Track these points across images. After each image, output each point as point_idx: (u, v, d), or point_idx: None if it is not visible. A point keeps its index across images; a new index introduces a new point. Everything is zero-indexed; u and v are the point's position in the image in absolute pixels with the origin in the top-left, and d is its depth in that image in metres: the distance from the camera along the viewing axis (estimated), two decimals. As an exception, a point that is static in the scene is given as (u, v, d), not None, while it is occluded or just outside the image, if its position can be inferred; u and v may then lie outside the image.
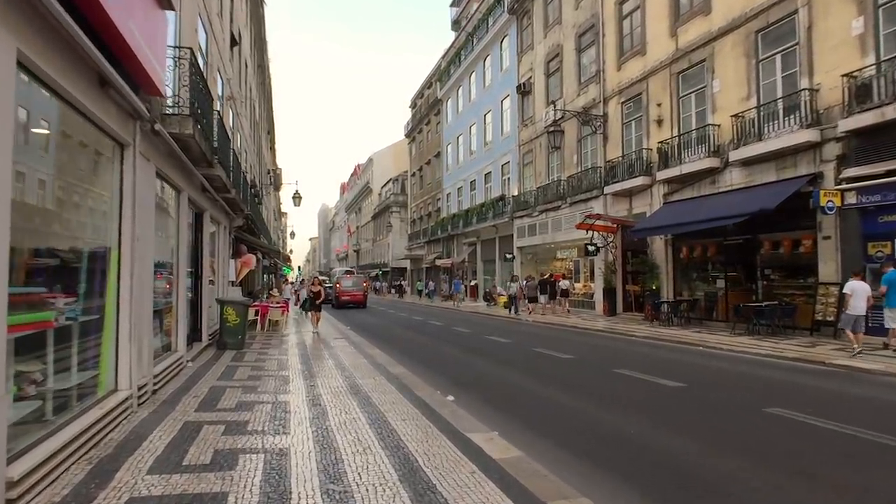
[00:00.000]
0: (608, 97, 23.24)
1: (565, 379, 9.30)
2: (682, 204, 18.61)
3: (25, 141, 4.42)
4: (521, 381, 9.19)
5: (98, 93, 5.26)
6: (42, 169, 4.89)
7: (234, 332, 12.31)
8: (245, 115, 23.52)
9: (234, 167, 15.08)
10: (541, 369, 10.34)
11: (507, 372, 10.19)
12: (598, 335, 16.35)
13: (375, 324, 22.55)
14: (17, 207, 3.88)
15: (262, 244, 19.33)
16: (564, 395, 8.00)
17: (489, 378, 9.61)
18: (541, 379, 9.35)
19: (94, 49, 4.55)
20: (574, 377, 9.44)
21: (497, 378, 9.58)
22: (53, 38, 4.18)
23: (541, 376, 9.59)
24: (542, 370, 10.25)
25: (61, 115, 4.88)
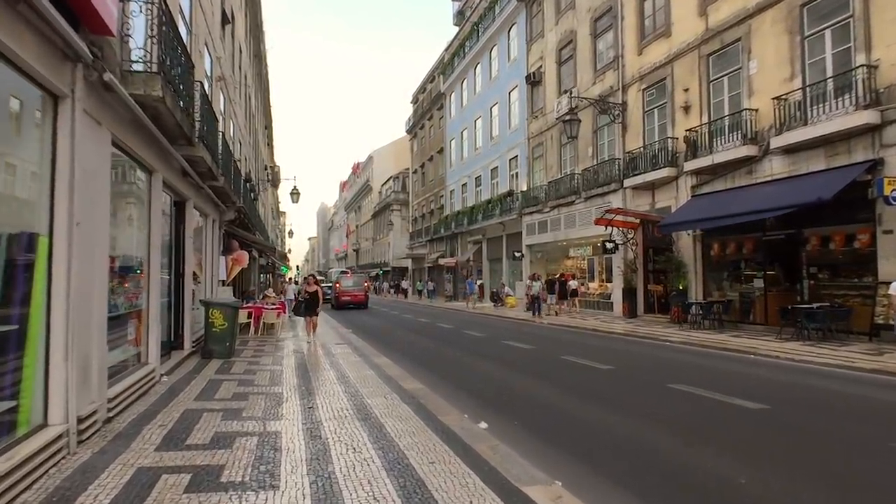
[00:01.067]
0: (627, 84, 21.71)
1: (616, 398, 7.75)
2: (713, 196, 17.08)
3: None
4: (563, 401, 7.65)
5: (11, 14, 3.73)
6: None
7: (221, 339, 10.76)
8: (238, 102, 21.98)
9: (224, 153, 13.54)
10: (581, 384, 8.79)
11: (541, 387, 8.65)
12: (627, 340, 14.81)
13: (379, 326, 21.01)
14: None
15: (257, 240, 17.77)
16: (625, 423, 6.46)
17: (523, 396, 8.06)
18: (585, 397, 7.82)
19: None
20: (626, 396, 7.90)
21: (532, 396, 8.03)
22: None
23: (584, 394, 8.05)
24: (583, 385, 8.70)
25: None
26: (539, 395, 8.01)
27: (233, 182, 15.78)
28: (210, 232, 13.76)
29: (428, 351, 13.30)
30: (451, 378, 9.41)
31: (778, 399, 7.34)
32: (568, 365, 10.62)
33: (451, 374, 9.80)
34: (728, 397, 7.38)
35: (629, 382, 8.81)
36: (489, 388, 8.60)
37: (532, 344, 13.88)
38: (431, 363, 11.21)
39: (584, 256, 26.32)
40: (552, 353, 12.37)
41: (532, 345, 13.72)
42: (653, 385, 8.46)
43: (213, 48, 14.37)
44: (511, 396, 7.98)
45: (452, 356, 12.36)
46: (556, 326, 19.22)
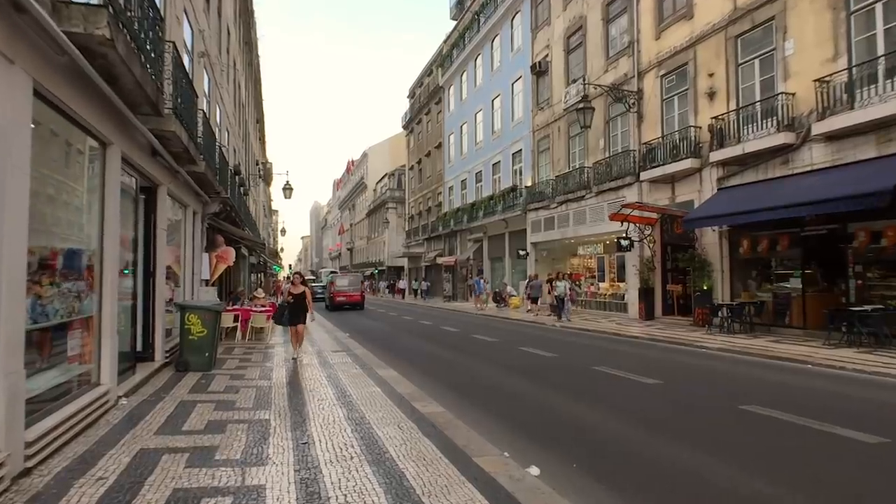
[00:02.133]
0: (644, 71, 20.29)
1: (685, 427, 6.28)
2: (743, 189, 15.67)
3: None
4: (619, 431, 6.18)
5: None
6: None
7: (198, 348, 9.24)
8: (226, 88, 20.42)
9: (206, 135, 12.01)
10: (631, 405, 7.32)
11: (585, 409, 7.19)
12: (656, 346, 13.37)
13: (378, 330, 19.50)
14: None
15: (245, 236, 16.21)
16: (719, 466, 4.99)
17: (569, 423, 6.58)
18: (644, 424, 6.35)
19: None
20: (696, 423, 6.42)
21: (580, 422, 6.56)
22: None
23: (641, 419, 6.59)
24: (634, 406, 7.23)
25: None
26: (588, 422, 6.53)
27: (217, 170, 14.25)
28: (190, 225, 12.23)
29: (438, 360, 11.80)
30: (474, 396, 7.93)
31: (884, 425, 5.91)
32: (605, 378, 9.15)
33: (471, 391, 8.31)
34: (827, 425, 5.93)
35: (691, 403, 7.33)
36: (522, 410, 7.11)
37: (553, 351, 12.41)
38: (445, 376, 9.72)
39: (593, 255, 24.90)
40: (580, 362, 10.91)
41: (553, 352, 12.25)
42: (721, 407, 7.00)
43: (195, 19, 12.83)
44: (555, 424, 6.50)
45: (467, 366, 10.87)
46: (570, 330, 17.76)
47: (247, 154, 33.15)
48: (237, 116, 25.84)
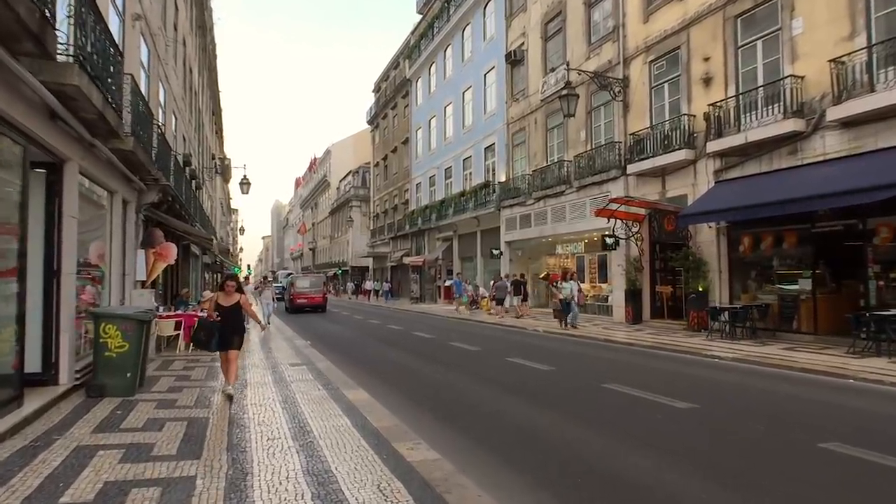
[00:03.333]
0: (630, 57, 18.95)
1: (775, 481, 4.71)
2: (745, 182, 14.41)
3: None
4: (693, 487, 4.57)
5: None
6: None
7: (118, 368, 7.29)
8: (173, 67, 18.26)
9: (138, 108, 10.01)
10: (680, 442, 5.73)
11: (624, 450, 5.57)
12: (660, 356, 11.90)
13: (343, 336, 17.64)
14: None
15: (189, 230, 14.11)
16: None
17: (612, 476, 4.93)
18: (718, 474, 4.76)
19: None
20: (779, 472, 4.86)
21: (628, 475, 4.91)
22: None
23: (710, 465, 5.00)
24: (684, 444, 5.65)
25: None
26: (641, 474, 4.90)
27: (156, 153, 12.23)
28: (119, 216, 10.20)
29: (416, 376, 10.06)
30: (472, 431, 6.22)
31: None
32: (625, 401, 7.55)
33: (467, 423, 6.60)
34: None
35: (755, 442, 5.70)
36: (538, 455, 5.42)
37: (547, 362, 10.79)
38: (428, 399, 8.00)
39: (573, 254, 23.50)
40: (584, 377, 9.34)
41: (548, 364, 10.63)
42: (795, 446, 5.45)
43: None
44: (585, 475, 4.85)
45: (452, 384, 9.17)
46: (555, 335, 16.24)
47: (200, 145, 30.79)
48: (188, 102, 23.60)
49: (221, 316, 7.62)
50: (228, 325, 7.64)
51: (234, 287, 7.88)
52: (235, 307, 7.80)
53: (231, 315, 7.73)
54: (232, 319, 7.73)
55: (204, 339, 7.58)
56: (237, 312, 7.82)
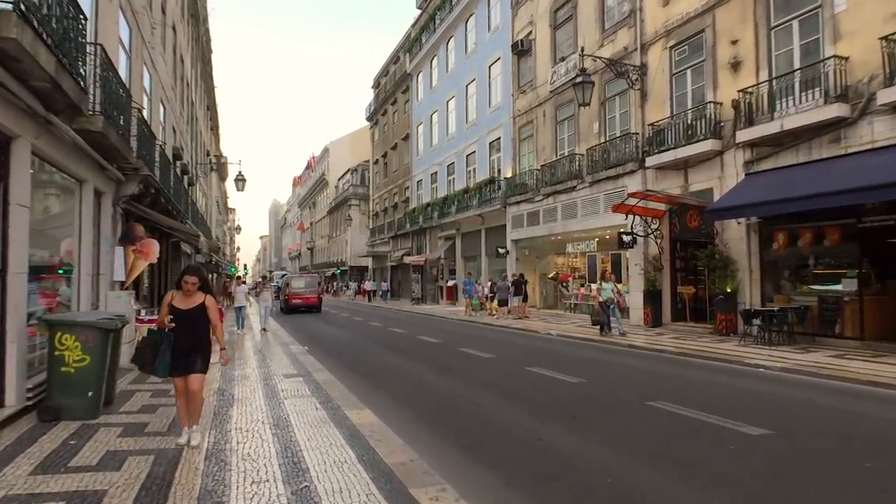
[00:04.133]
0: (648, 42, 17.79)
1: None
2: (780, 174, 13.26)
3: None
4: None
5: None
6: None
7: (77, 386, 6.11)
8: (160, 52, 17.07)
9: (111, 85, 8.82)
10: (788, 485, 4.56)
11: (702, 496, 4.39)
12: (693, 364, 10.74)
13: (342, 340, 16.45)
14: None
15: (174, 226, 12.85)
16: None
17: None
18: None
19: None
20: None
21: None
22: None
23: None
24: (793, 489, 4.48)
25: None
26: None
27: (137, 141, 11.05)
28: (90, 207, 9.01)
29: (430, 391, 8.87)
30: (506, 465, 5.05)
31: None
32: (679, 424, 6.37)
33: (499, 454, 5.43)
34: None
35: (873, 485, 4.60)
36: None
37: (572, 373, 9.61)
38: (446, 419, 6.84)
39: (585, 253, 22.34)
40: (622, 392, 8.17)
41: (574, 375, 9.46)
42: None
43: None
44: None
45: (471, 399, 7.99)
46: (573, 340, 15.08)
47: (194, 140, 29.61)
48: (178, 93, 22.40)
49: (177, 324, 5.40)
50: (186, 337, 5.40)
51: (195, 284, 5.49)
52: (197, 312, 5.49)
53: (190, 324, 5.43)
54: (191, 330, 5.44)
55: (148, 358, 5.36)
56: (199, 320, 5.52)
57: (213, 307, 5.65)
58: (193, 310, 5.48)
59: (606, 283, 15.56)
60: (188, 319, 5.43)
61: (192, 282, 5.48)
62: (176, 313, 5.44)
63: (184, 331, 5.38)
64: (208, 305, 5.58)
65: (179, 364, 5.37)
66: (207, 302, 5.58)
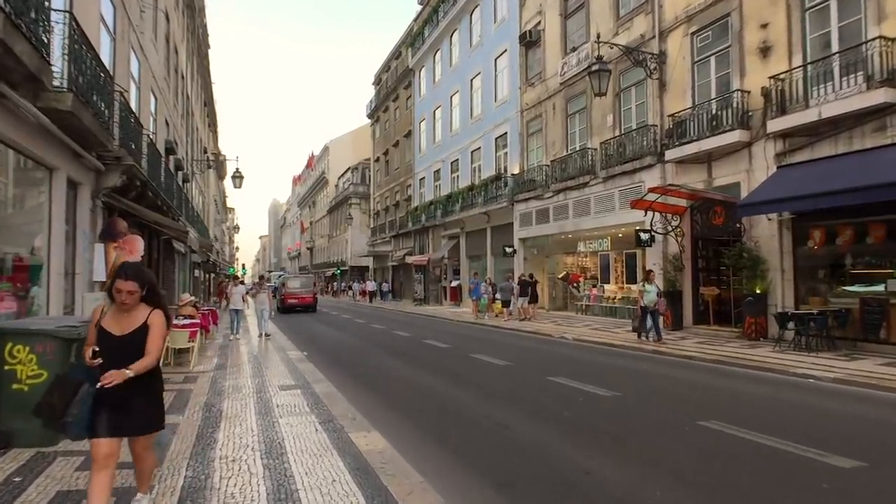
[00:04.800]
0: (668, 29, 16.81)
1: None
2: (816, 166, 12.27)
3: None
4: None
5: None
6: None
7: (31, 406, 5.13)
8: (151, 39, 16.10)
9: (87, 62, 7.83)
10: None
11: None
12: (735, 375, 9.75)
13: (343, 344, 15.47)
14: None
15: (163, 222, 11.82)
16: None
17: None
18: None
19: None
20: None
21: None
22: None
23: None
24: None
25: None
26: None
27: (120, 128, 10.07)
28: (62, 197, 8.02)
29: (443, 405, 7.89)
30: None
31: None
32: (751, 454, 5.39)
33: (542, 496, 4.46)
34: None
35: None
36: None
37: (600, 384, 8.62)
38: (470, 444, 5.85)
39: (597, 251, 21.37)
40: (665, 407, 7.19)
41: (603, 386, 8.47)
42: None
43: None
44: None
45: (494, 418, 7.00)
46: (590, 345, 14.10)
47: (189, 136, 28.63)
48: (172, 85, 21.42)
49: (105, 358, 3.36)
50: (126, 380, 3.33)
51: (132, 294, 3.45)
52: (139, 338, 3.48)
53: (126, 356, 3.40)
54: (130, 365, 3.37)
55: (57, 409, 3.41)
56: (138, 354, 3.43)
57: (158, 328, 3.54)
58: (133, 335, 3.46)
59: (650, 284, 14.07)
60: (124, 350, 3.40)
61: (130, 289, 3.40)
62: (105, 340, 3.43)
63: (117, 367, 3.30)
64: (151, 325, 3.50)
65: (106, 419, 3.37)
66: (152, 321, 3.51)
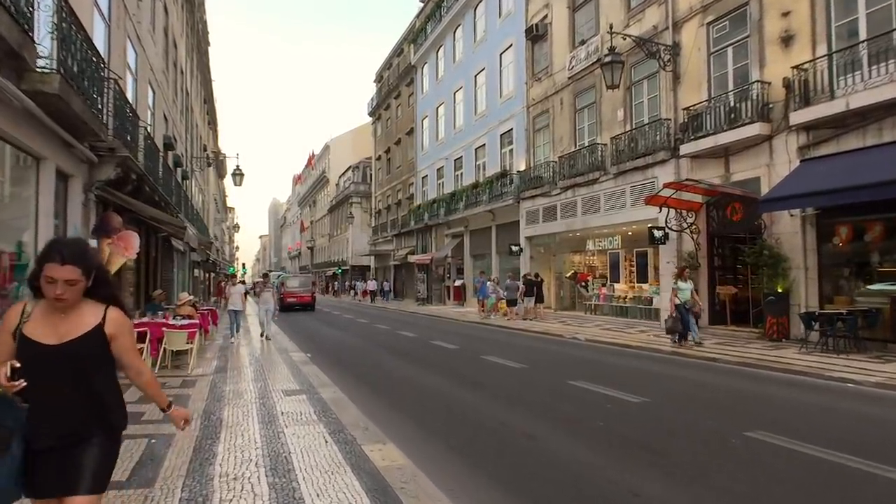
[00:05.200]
0: (682, 20, 16.28)
1: None
2: (843, 159, 11.73)
3: None
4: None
5: None
6: None
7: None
8: (149, 30, 15.57)
9: (77, 43, 7.30)
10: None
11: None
12: (769, 380, 9.20)
13: (347, 345, 14.94)
14: None
15: (159, 217, 11.24)
16: None
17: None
18: None
19: None
20: None
21: None
22: None
23: None
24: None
25: None
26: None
27: (114, 118, 9.54)
28: (50, 192, 7.49)
29: (460, 411, 7.35)
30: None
31: None
32: (833, 472, 4.87)
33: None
34: None
35: None
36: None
37: (629, 390, 8.07)
38: (491, 457, 5.33)
39: (607, 250, 20.84)
40: (706, 417, 6.65)
41: (632, 392, 7.92)
42: None
43: None
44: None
45: (517, 427, 6.48)
46: (602, 346, 13.56)
47: (188, 132, 28.10)
48: (171, 79, 20.89)
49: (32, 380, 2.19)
50: (59, 408, 2.30)
51: (71, 282, 2.26)
52: (87, 350, 2.34)
53: (65, 376, 2.30)
54: (73, 390, 2.32)
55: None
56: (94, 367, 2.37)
57: (129, 335, 2.51)
58: (77, 345, 2.32)
59: (684, 282, 13.04)
60: (62, 368, 2.30)
61: (68, 277, 2.26)
62: (31, 353, 2.28)
63: (52, 394, 2.29)
64: (112, 334, 2.41)
65: (39, 477, 2.29)
66: (115, 326, 2.42)
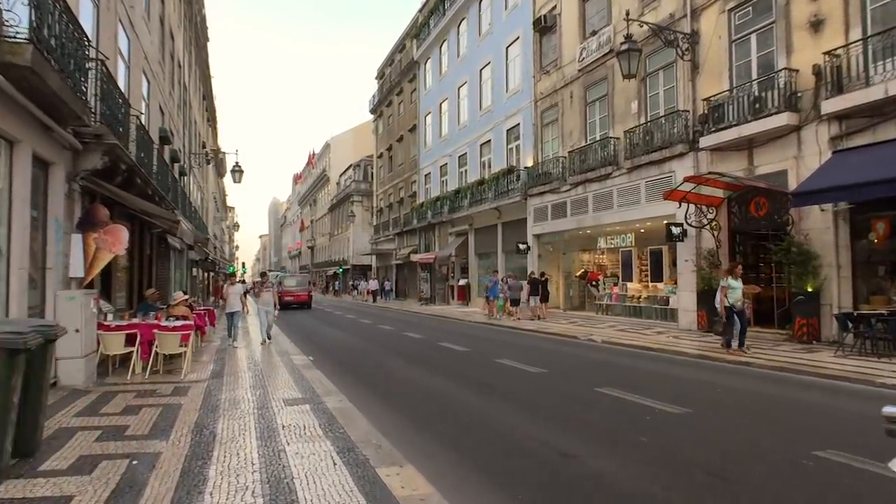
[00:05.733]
0: (701, 7, 15.55)
1: None
2: (879, 149, 11.00)
3: None
4: None
5: None
6: None
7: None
8: (143, 17, 14.84)
9: (56, 14, 6.57)
10: None
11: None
12: (815, 388, 8.46)
13: (351, 347, 14.20)
14: None
15: (150, 210, 10.45)
16: None
17: None
18: None
19: None
20: None
21: None
22: None
23: None
24: None
25: None
26: None
27: (101, 102, 8.81)
28: (25, 179, 6.76)
29: (480, 422, 6.62)
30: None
31: None
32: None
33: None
34: None
35: None
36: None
37: (666, 399, 7.34)
38: (527, 480, 4.60)
39: (619, 247, 20.10)
40: (759, 433, 5.92)
41: (670, 401, 7.18)
42: None
43: None
44: None
45: (547, 443, 5.75)
46: (621, 349, 12.83)
47: (187, 128, 27.36)
48: (167, 70, 20.15)
49: None
50: None
51: None
52: None
53: None
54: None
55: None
56: None
57: None
58: None
59: (735, 280, 11.62)
60: None
61: None
62: None
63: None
64: None
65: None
66: None
